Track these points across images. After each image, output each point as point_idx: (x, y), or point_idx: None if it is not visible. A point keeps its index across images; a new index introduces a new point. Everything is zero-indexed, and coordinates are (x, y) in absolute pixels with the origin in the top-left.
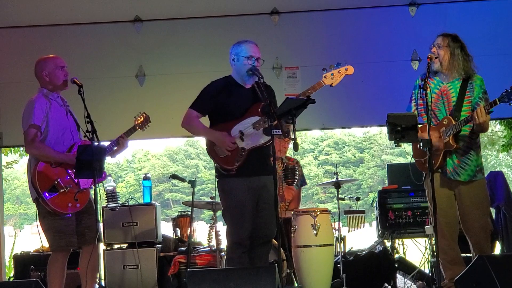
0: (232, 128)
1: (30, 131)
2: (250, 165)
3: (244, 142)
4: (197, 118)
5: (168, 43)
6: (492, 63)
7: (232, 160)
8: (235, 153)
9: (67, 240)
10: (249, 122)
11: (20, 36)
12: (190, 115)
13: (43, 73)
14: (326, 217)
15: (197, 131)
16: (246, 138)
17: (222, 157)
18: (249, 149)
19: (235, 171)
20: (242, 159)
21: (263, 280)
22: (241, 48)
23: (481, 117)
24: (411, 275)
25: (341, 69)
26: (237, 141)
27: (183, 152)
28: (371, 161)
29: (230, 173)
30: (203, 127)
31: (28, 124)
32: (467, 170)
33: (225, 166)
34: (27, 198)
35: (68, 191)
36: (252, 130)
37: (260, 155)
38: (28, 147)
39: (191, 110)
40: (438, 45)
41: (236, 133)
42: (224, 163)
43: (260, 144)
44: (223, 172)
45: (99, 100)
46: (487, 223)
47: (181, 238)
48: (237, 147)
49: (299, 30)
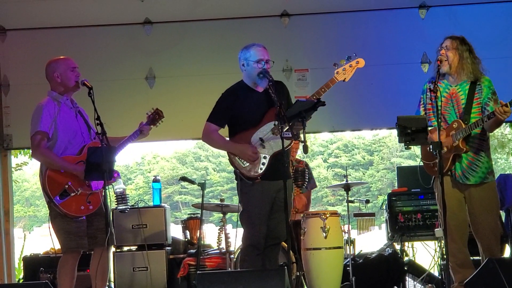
0: (251, 136)
1: (35, 138)
2: (270, 170)
3: (266, 149)
4: (216, 132)
5: (178, 45)
6: (503, 66)
7: (256, 169)
8: (258, 162)
9: (77, 242)
10: (267, 128)
11: (30, 38)
12: (209, 129)
13: (54, 74)
14: (335, 220)
15: (217, 145)
16: (267, 145)
17: (245, 166)
18: (272, 155)
19: (260, 178)
20: (266, 166)
21: (272, 282)
22: (250, 53)
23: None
24: (421, 278)
25: (352, 63)
26: (259, 149)
27: (193, 154)
28: (380, 163)
29: (255, 181)
30: (224, 141)
31: (34, 131)
32: (478, 173)
33: (250, 175)
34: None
35: (79, 194)
36: (272, 136)
37: (279, 160)
38: (33, 153)
39: (209, 123)
40: (446, 47)
41: (257, 141)
42: (248, 172)
43: (281, 148)
44: (247, 181)
45: (109, 102)
46: (497, 226)
47: (190, 240)
48: (259, 156)
49: (309, 32)
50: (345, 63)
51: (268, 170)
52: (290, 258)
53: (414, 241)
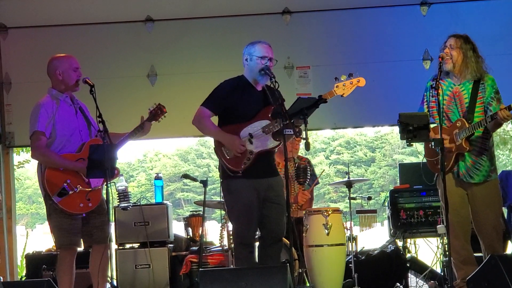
0: (241, 130)
1: (33, 138)
2: (256, 167)
3: (253, 145)
4: (209, 117)
5: (180, 43)
6: (505, 62)
7: (240, 162)
8: (243, 156)
9: (70, 238)
10: (258, 125)
11: (31, 36)
12: (202, 114)
13: (56, 72)
14: (337, 217)
15: (207, 130)
16: (255, 141)
17: (230, 158)
18: (257, 152)
19: (242, 173)
20: (250, 162)
21: (275, 279)
22: (255, 48)
23: (506, 117)
24: (423, 274)
25: (353, 80)
26: (246, 144)
27: (195, 151)
28: (382, 160)
29: (236, 174)
30: (214, 128)
31: (32, 131)
32: (482, 171)
33: (232, 168)
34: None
35: (78, 191)
36: (262, 134)
37: (267, 158)
38: (33, 154)
39: (203, 108)
40: (451, 46)
41: (246, 136)
42: (232, 164)
43: (268, 148)
44: (229, 173)
45: (111, 100)
46: (499, 223)
47: (192, 237)
48: (245, 150)
49: (311, 29)
50: (346, 79)
51: (253, 168)
52: (292, 255)
53: (417, 238)
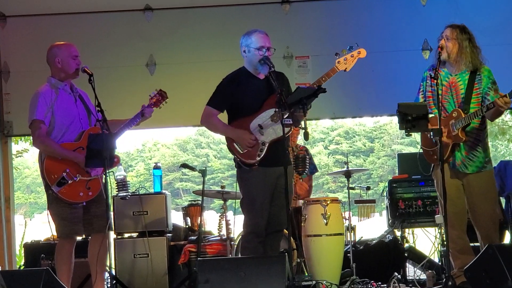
0: (250, 122)
1: (32, 126)
2: (270, 156)
3: (264, 135)
4: (216, 116)
5: (179, 32)
6: (504, 52)
7: (254, 155)
8: (256, 148)
9: (71, 228)
10: (266, 115)
11: (30, 25)
12: (208, 113)
13: (56, 60)
14: (336, 207)
15: (216, 129)
16: (266, 131)
17: (244, 152)
18: (270, 142)
19: (257, 165)
20: (264, 152)
21: (273, 269)
22: (251, 40)
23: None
24: (421, 264)
25: (353, 53)
26: (257, 135)
27: (194, 141)
28: (381, 150)
29: (252, 167)
30: (222, 125)
31: (31, 120)
32: (476, 162)
33: (247, 161)
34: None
35: (78, 180)
36: (271, 123)
37: (279, 146)
38: (34, 142)
39: (209, 107)
40: (446, 37)
41: (255, 127)
42: (246, 158)
43: (280, 135)
44: (244, 167)
45: (110, 89)
46: (495, 214)
47: (191, 227)
48: (257, 142)
49: (310, 19)
50: (347, 52)
51: (267, 157)
52: (291, 244)
53: (415, 228)
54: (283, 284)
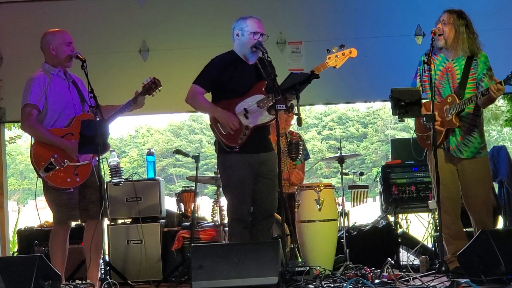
0: (236, 105)
1: (24, 110)
2: (251, 142)
3: (249, 120)
4: (202, 94)
5: (172, 17)
6: (500, 37)
7: (236, 138)
8: (239, 131)
9: (68, 213)
10: (253, 100)
11: (23, 11)
12: (195, 91)
13: (50, 47)
14: (329, 192)
15: (201, 107)
16: (251, 116)
17: (226, 134)
18: (253, 127)
19: (239, 148)
20: (246, 137)
21: (266, 255)
22: (246, 24)
23: (497, 91)
24: (414, 249)
25: (345, 51)
26: (241, 118)
27: (187, 127)
28: (374, 136)
29: (233, 150)
30: (208, 104)
31: (24, 104)
32: (470, 147)
33: (229, 143)
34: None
35: (66, 166)
36: (257, 109)
37: (261, 133)
38: (22, 126)
39: (196, 86)
40: (443, 22)
41: (241, 111)
42: (228, 140)
43: (264, 122)
44: (225, 149)
45: (102, 75)
46: (489, 199)
47: (185, 213)
48: (241, 125)
49: (303, 4)
50: (338, 50)
51: (249, 142)
52: (284, 230)
53: (408, 213)
54: (276, 269)
